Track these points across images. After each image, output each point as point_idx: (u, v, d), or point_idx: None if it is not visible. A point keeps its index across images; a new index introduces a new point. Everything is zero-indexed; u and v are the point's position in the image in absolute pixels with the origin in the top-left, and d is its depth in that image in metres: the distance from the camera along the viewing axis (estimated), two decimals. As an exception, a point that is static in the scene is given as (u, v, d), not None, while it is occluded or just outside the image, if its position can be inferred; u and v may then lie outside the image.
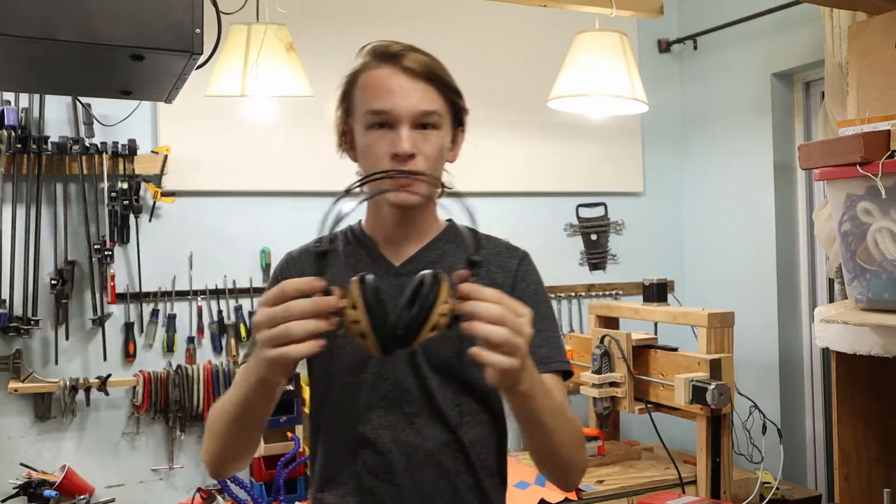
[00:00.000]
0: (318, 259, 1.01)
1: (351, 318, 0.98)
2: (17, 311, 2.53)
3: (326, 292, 0.98)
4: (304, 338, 0.97)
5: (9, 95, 2.53)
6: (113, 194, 2.63)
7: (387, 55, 1.26)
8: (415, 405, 1.25)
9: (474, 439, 1.27)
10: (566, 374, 1.30)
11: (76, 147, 2.58)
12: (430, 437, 1.25)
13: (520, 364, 0.99)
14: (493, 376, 1.00)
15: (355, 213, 1.09)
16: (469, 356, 0.99)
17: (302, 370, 1.31)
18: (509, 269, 1.33)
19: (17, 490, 2.46)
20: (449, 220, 1.39)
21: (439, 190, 1.28)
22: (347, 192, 1.07)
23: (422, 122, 1.25)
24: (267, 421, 1.20)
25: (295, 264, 1.34)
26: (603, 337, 2.77)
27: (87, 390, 2.60)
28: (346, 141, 1.33)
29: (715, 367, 2.44)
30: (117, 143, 2.65)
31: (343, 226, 1.17)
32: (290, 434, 2.66)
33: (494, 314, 0.97)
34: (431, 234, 1.35)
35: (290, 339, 0.97)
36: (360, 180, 1.12)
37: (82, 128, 2.63)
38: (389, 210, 1.29)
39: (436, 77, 1.26)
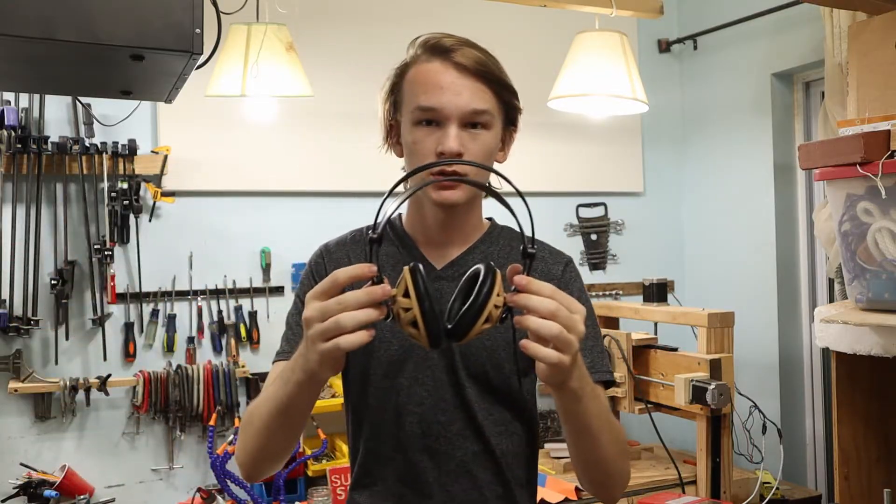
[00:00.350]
0: (370, 245, 0.97)
1: (402, 307, 0.95)
2: (17, 311, 2.53)
3: (376, 280, 0.95)
4: (354, 328, 0.94)
5: (9, 95, 2.53)
6: (113, 194, 2.63)
7: (439, 49, 1.21)
8: (449, 413, 1.22)
9: (507, 450, 1.24)
10: (608, 385, 1.27)
11: (76, 147, 2.58)
12: (462, 446, 1.22)
13: (570, 361, 0.96)
14: (544, 371, 0.97)
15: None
16: (521, 347, 0.96)
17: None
18: (553, 274, 1.29)
19: (17, 490, 2.46)
20: (490, 219, 1.35)
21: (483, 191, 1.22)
22: (404, 180, 1.04)
23: (471, 122, 1.20)
24: (308, 418, 1.15)
25: (331, 256, 1.30)
26: (603, 337, 2.76)
27: (87, 390, 2.60)
28: (393, 135, 1.28)
29: (715, 367, 2.43)
30: (117, 143, 2.65)
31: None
32: (290, 434, 2.66)
33: (548, 309, 0.94)
34: (474, 237, 1.30)
35: (342, 330, 0.94)
36: (407, 175, 1.07)
37: (82, 128, 2.63)
38: (432, 209, 1.25)
39: (489, 74, 1.21)
